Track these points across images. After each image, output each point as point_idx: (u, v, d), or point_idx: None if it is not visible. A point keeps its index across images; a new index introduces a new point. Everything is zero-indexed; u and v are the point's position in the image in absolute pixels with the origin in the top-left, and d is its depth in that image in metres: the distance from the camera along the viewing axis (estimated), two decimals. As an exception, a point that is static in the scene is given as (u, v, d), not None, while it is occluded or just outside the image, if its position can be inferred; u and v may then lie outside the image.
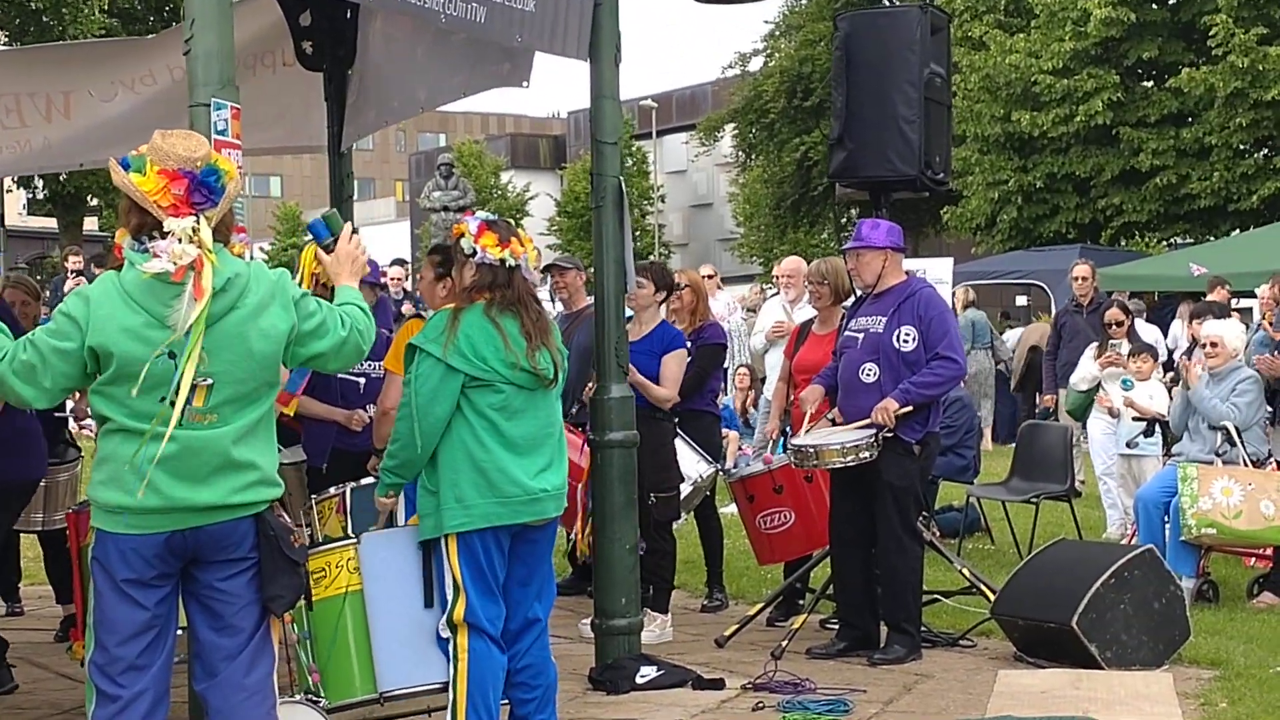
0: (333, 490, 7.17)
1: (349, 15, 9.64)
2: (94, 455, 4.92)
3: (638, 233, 46.24)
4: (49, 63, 9.84)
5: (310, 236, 5.80)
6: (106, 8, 30.18)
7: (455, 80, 9.15)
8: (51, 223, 40.35)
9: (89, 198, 34.86)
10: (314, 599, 6.02)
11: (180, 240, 4.66)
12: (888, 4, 9.87)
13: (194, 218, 4.72)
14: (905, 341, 8.38)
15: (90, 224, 41.51)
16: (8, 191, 39.31)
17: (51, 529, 8.74)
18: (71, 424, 9.49)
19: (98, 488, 4.84)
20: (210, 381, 4.75)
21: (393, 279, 17.56)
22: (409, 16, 8.74)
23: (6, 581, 9.90)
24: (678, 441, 9.24)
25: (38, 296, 8.71)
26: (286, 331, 4.92)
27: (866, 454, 8.24)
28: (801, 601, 9.44)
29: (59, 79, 9.52)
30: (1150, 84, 32.06)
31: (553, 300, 10.53)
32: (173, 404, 4.66)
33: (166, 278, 4.67)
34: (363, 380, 8.48)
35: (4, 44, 28.45)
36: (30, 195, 38.45)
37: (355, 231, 5.57)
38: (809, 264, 10.96)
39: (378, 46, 9.65)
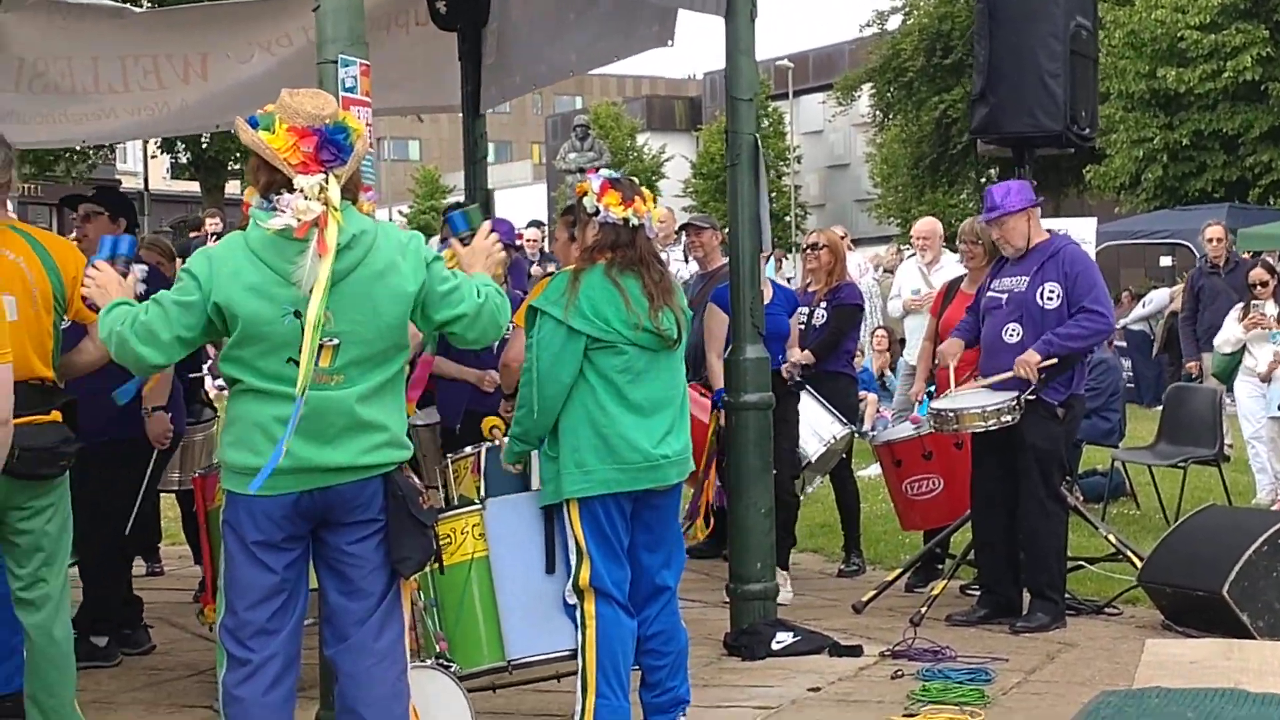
0: (468, 450, 7.15)
1: (482, -26, 9.59)
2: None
3: (773, 194, 45.92)
4: (187, 25, 9.86)
5: (449, 228, 5.77)
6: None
7: (607, 44, 9.11)
8: (194, 186, 40.92)
9: (230, 162, 35.23)
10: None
11: (307, 197, 4.60)
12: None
13: (323, 175, 4.66)
14: (1050, 299, 8.16)
15: (232, 187, 42.02)
16: (152, 157, 39.96)
17: (188, 488, 8.78)
18: (209, 383, 9.52)
19: (227, 450, 4.82)
20: (336, 342, 4.69)
21: (529, 240, 17.59)
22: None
23: (147, 541, 9.97)
24: (812, 402, 9.15)
25: (173, 258, 8.73)
26: (415, 292, 4.83)
27: (1008, 417, 8.05)
28: (941, 567, 9.30)
29: (196, 41, 9.56)
30: (1301, 38, 31.30)
31: (686, 260, 10.45)
32: (297, 363, 4.60)
33: (290, 234, 4.61)
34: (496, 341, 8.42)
35: (145, 6, 28.77)
36: (173, 160, 38.97)
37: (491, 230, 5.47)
38: (951, 225, 10.77)
39: (518, 8, 9.59)
